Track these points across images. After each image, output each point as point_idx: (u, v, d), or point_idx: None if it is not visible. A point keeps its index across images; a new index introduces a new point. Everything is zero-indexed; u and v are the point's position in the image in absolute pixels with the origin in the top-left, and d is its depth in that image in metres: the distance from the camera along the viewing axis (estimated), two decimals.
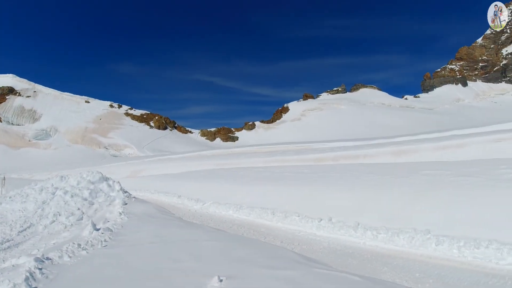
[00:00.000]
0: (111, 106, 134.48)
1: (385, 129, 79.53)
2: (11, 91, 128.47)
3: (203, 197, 16.18)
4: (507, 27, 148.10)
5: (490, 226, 7.75)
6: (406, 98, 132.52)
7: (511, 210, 7.99)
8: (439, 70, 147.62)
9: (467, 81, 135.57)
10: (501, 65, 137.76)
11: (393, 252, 8.18)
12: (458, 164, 12.91)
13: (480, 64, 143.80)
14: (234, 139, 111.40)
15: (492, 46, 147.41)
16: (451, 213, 8.71)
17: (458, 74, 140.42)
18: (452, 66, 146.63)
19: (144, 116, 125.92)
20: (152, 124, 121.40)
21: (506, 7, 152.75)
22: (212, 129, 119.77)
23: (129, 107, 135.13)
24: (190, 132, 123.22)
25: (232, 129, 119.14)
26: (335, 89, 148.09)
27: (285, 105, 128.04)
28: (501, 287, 6.07)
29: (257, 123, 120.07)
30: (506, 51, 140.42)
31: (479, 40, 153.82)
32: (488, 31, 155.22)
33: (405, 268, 7.26)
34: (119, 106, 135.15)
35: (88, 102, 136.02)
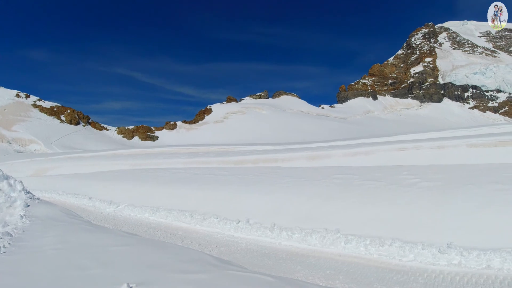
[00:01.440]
0: (18, 95, 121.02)
1: (302, 135, 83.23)
2: None
3: (117, 199, 15.33)
4: (417, 49, 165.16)
5: (393, 226, 8.49)
6: (322, 107, 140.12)
7: (412, 212, 8.85)
8: (353, 83, 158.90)
9: (377, 95, 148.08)
10: (408, 82, 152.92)
11: (306, 251, 8.55)
12: (365, 169, 13.91)
13: (390, 80, 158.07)
14: (154, 138, 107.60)
15: (401, 65, 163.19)
16: (359, 214, 9.36)
17: (369, 88, 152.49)
18: (365, 81, 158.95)
19: (55, 109, 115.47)
20: (63, 118, 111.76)
21: (418, 31, 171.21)
22: (130, 127, 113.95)
23: (38, 98, 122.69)
24: (106, 129, 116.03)
25: (152, 128, 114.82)
26: (258, 94, 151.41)
27: (208, 107, 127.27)
28: (404, 282, 6.65)
29: (178, 123, 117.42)
30: (414, 70, 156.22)
31: (391, 59, 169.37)
32: (400, 52, 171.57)
33: (317, 266, 7.62)
34: (27, 96, 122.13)
35: None
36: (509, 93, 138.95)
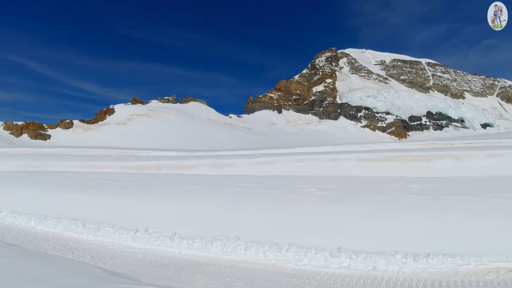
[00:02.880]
0: None
1: (208, 143, 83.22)
2: None
3: None
4: (320, 70, 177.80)
5: (290, 232, 8.94)
6: (230, 117, 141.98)
7: (307, 219, 9.43)
8: (260, 96, 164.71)
9: (282, 109, 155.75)
10: (310, 100, 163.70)
11: (207, 260, 8.51)
12: (267, 178, 14.40)
13: (294, 96, 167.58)
14: (46, 137, 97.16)
15: (305, 83, 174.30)
16: (259, 221, 9.66)
17: (275, 102, 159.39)
18: (272, 95, 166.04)
19: None
20: None
21: (322, 54, 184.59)
22: (19, 123, 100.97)
23: None
24: None
25: (44, 125, 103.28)
26: (166, 98, 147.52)
27: (110, 106, 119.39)
28: (299, 285, 7.03)
29: (75, 121, 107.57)
30: (316, 89, 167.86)
31: (296, 77, 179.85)
32: (304, 71, 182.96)
33: (217, 274, 7.64)
34: None
35: None
36: (396, 116, 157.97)
